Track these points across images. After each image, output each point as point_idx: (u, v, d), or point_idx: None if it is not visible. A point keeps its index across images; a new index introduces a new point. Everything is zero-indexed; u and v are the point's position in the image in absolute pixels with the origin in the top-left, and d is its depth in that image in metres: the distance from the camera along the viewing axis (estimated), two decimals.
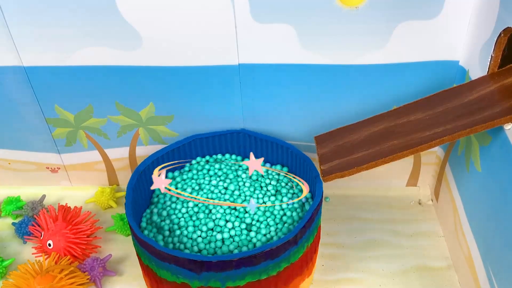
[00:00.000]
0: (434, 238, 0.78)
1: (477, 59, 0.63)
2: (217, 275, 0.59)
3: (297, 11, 0.64)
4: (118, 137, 0.80)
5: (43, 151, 0.83)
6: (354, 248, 0.77)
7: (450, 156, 0.75)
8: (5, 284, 0.67)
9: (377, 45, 0.67)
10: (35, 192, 0.87)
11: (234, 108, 0.74)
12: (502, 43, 0.58)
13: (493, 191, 0.59)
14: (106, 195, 0.84)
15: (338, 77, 0.70)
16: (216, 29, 0.66)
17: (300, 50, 0.67)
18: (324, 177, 0.60)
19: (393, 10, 0.64)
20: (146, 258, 0.62)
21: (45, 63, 0.70)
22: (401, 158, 0.58)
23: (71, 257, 0.73)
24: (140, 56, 0.69)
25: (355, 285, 0.72)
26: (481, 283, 0.62)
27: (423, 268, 0.74)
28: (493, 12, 0.59)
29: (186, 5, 0.64)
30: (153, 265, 0.62)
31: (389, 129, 0.62)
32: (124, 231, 0.79)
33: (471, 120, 0.56)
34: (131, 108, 0.76)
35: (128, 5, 0.64)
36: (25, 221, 0.79)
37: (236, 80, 0.71)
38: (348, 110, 0.74)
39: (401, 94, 0.71)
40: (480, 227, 0.63)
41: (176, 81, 0.71)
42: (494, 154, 0.58)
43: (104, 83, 0.72)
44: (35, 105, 0.76)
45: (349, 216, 0.82)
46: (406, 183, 0.86)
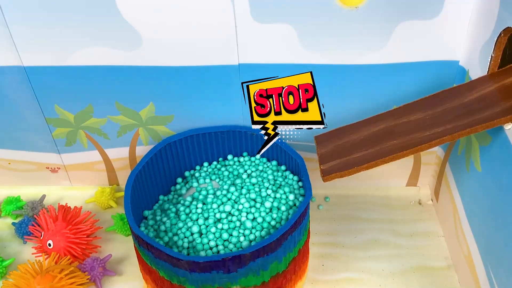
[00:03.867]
0: (434, 238, 0.78)
1: (477, 59, 0.63)
2: (209, 275, 0.59)
3: (297, 11, 0.64)
4: (118, 137, 0.80)
5: (43, 151, 0.83)
6: (354, 248, 0.77)
7: (450, 156, 0.75)
8: (5, 284, 0.67)
9: (377, 45, 0.67)
10: (35, 192, 0.87)
11: (234, 108, 0.74)
12: (502, 43, 0.58)
13: (493, 191, 0.59)
14: (106, 195, 0.84)
15: (338, 77, 0.70)
16: (216, 29, 0.66)
17: (300, 50, 0.67)
18: (324, 177, 0.60)
19: (393, 10, 0.64)
20: (147, 257, 0.63)
21: (45, 63, 0.70)
22: (401, 158, 0.58)
23: (71, 257, 0.73)
24: (140, 56, 0.69)
25: (355, 285, 0.72)
26: (481, 283, 0.62)
27: (423, 268, 0.74)
28: (493, 12, 0.59)
29: (186, 5, 0.64)
30: (153, 264, 0.62)
31: (389, 129, 0.62)
32: (124, 231, 0.79)
33: (471, 120, 0.56)
34: (131, 108, 0.76)
35: (128, 5, 0.64)
36: (25, 221, 0.79)
37: (236, 80, 0.71)
38: (348, 110, 0.73)
39: (401, 94, 0.71)
40: (480, 227, 0.63)
41: (176, 81, 0.71)
42: (494, 154, 0.58)
43: (104, 83, 0.72)
44: (35, 105, 0.76)
45: (349, 216, 0.82)
46: (406, 183, 0.86)
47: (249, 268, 0.59)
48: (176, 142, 0.75)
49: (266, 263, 0.61)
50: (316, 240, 0.77)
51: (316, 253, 0.75)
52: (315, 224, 0.79)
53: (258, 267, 0.60)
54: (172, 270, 0.60)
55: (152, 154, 0.72)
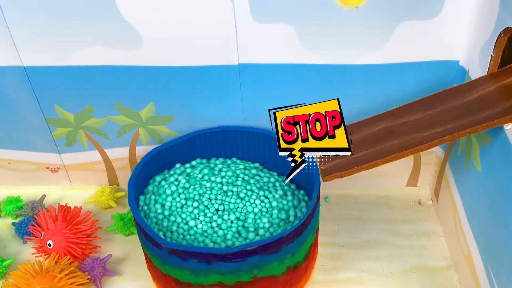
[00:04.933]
0: (434, 238, 0.78)
1: (477, 59, 0.63)
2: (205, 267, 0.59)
3: (297, 11, 0.64)
4: (118, 137, 0.80)
5: (43, 151, 0.83)
6: (354, 248, 0.77)
7: (450, 156, 0.75)
8: (5, 284, 0.67)
9: (377, 45, 0.67)
10: (35, 192, 0.87)
11: (234, 108, 0.74)
12: (502, 43, 0.58)
13: (493, 191, 0.59)
14: (106, 195, 0.84)
15: (338, 77, 0.70)
16: (216, 29, 0.66)
17: (300, 50, 0.67)
18: (324, 177, 0.60)
19: (393, 10, 0.64)
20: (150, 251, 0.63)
21: (45, 63, 0.70)
22: (401, 158, 0.58)
23: (71, 257, 0.73)
24: (140, 56, 0.69)
25: (355, 285, 0.72)
26: (481, 283, 0.62)
27: (423, 268, 0.74)
28: (493, 12, 0.59)
29: (186, 5, 0.64)
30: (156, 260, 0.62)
31: (389, 129, 0.62)
32: (124, 231, 0.79)
33: (471, 120, 0.56)
34: (131, 108, 0.76)
35: (128, 5, 0.64)
36: (25, 221, 0.79)
37: (236, 80, 0.71)
38: (348, 110, 0.73)
39: (401, 94, 0.71)
40: (480, 227, 0.63)
41: (176, 81, 0.71)
42: (494, 154, 0.58)
43: (104, 83, 0.72)
44: (35, 105, 0.76)
45: (349, 216, 0.82)
46: (406, 183, 0.86)
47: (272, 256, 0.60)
48: (179, 144, 0.75)
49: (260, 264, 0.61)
50: None
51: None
52: None
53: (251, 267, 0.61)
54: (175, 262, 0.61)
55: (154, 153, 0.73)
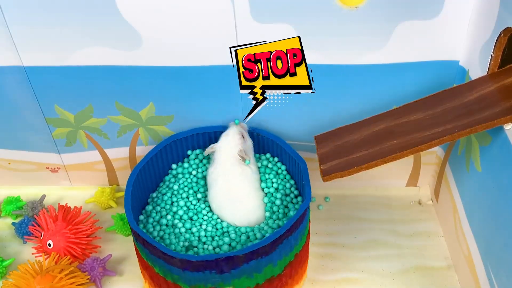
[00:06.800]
0: (434, 238, 0.78)
1: (477, 59, 0.63)
2: (201, 275, 0.59)
3: (297, 11, 0.64)
4: (118, 137, 0.80)
5: (43, 151, 0.83)
6: (354, 248, 0.77)
7: (450, 156, 0.75)
8: (5, 284, 0.67)
9: (377, 45, 0.67)
10: (35, 192, 0.87)
11: (234, 108, 0.74)
12: (502, 43, 0.58)
13: (493, 191, 0.59)
14: (106, 195, 0.84)
15: (338, 77, 0.70)
16: (216, 29, 0.66)
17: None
18: (324, 177, 0.60)
19: (393, 10, 0.64)
20: (144, 253, 0.63)
21: (45, 63, 0.70)
22: (401, 158, 0.58)
23: (71, 257, 0.73)
24: (140, 56, 0.69)
25: (355, 285, 0.72)
26: (481, 283, 0.62)
27: (423, 268, 0.74)
28: (493, 12, 0.59)
29: (186, 5, 0.64)
30: (149, 260, 0.62)
31: (389, 129, 0.62)
32: (124, 231, 0.79)
33: (471, 120, 0.56)
34: (131, 108, 0.76)
35: (128, 5, 0.64)
36: (25, 221, 0.79)
37: (237, 80, 0.71)
38: (348, 110, 0.74)
39: (401, 94, 0.71)
40: (480, 227, 0.63)
41: (176, 81, 0.71)
42: (494, 154, 0.58)
43: (104, 83, 0.72)
44: (35, 105, 0.76)
45: (349, 216, 0.82)
46: (406, 183, 0.86)
47: (242, 270, 0.59)
48: (176, 141, 0.75)
49: (260, 266, 0.60)
50: (316, 240, 0.77)
51: (316, 253, 0.75)
52: (315, 224, 0.79)
53: (251, 269, 0.60)
54: (167, 267, 0.60)
55: (157, 150, 0.73)
